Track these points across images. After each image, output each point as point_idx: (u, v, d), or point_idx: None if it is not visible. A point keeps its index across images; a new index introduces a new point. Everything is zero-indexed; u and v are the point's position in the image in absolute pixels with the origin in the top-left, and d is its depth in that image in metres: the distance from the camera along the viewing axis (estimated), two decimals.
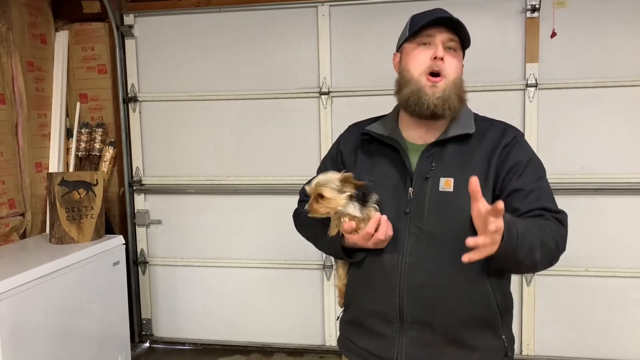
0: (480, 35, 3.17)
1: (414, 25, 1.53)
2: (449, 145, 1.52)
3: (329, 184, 1.46)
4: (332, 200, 1.46)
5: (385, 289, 1.51)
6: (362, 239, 1.48)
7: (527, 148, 1.54)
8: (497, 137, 1.52)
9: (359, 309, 1.60)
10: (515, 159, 1.48)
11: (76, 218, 3.02)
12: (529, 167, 1.49)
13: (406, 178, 1.52)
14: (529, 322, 3.32)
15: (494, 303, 1.49)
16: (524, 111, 3.19)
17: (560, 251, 1.43)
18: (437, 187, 1.48)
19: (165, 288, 3.77)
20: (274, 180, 3.52)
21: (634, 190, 3.15)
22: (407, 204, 1.50)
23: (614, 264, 3.21)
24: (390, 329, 1.51)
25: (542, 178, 1.50)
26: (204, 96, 3.56)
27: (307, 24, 3.39)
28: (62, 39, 3.62)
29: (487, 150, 1.50)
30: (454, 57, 1.51)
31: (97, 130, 3.65)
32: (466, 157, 1.50)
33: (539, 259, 1.34)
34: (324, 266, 3.51)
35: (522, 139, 1.55)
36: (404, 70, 1.55)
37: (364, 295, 1.57)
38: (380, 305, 1.52)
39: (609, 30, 3.10)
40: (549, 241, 1.37)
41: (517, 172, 1.47)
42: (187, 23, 3.54)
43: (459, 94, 1.51)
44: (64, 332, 2.68)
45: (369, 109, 1.82)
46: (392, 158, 1.56)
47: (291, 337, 3.63)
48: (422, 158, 1.52)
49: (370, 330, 1.56)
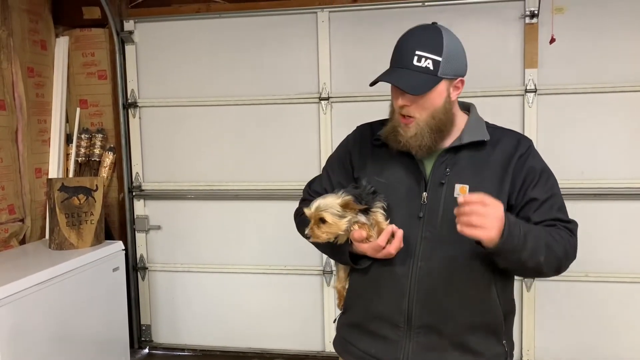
0: (479, 41, 3.18)
1: (393, 55, 1.53)
2: (463, 152, 1.53)
3: (329, 209, 1.46)
4: (334, 225, 1.46)
5: (394, 293, 1.51)
6: (372, 250, 1.49)
7: (540, 158, 1.56)
8: (512, 146, 1.54)
9: (362, 312, 1.60)
10: (530, 169, 1.51)
11: (76, 224, 3.02)
12: (542, 177, 1.51)
13: (420, 183, 1.53)
14: (529, 327, 3.32)
15: (500, 309, 1.52)
16: (523, 116, 3.19)
17: (570, 259, 1.46)
18: (451, 193, 1.49)
19: (164, 294, 3.76)
20: (274, 185, 3.52)
21: (634, 196, 3.15)
22: (420, 208, 1.51)
23: (614, 269, 3.21)
24: (396, 333, 1.52)
25: (554, 188, 1.53)
26: (203, 102, 3.56)
27: (307, 30, 3.40)
28: (62, 45, 3.63)
29: (502, 159, 1.52)
30: (420, 98, 1.47)
31: (97, 136, 3.65)
32: (481, 164, 1.51)
33: (543, 261, 1.38)
34: (323, 272, 3.51)
35: (535, 150, 1.57)
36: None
37: (370, 298, 1.57)
38: (387, 309, 1.52)
39: (608, 36, 3.11)
40: (556, 247, 1.41)
41: (532, 183, 1.50)
42: (187, 29, 3.55)
43: (439, 125, 1.50)
44: (63, 337, 2.68)
45: (368, 114, 1.82)
46: (404, 163, 1.56)
47: (291, 342, 3.62)
48: (437, 163, 1.53)
49: (373, 334, 1.56)
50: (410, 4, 3.25)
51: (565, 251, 1.44)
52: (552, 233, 1.43)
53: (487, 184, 1.48)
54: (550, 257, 1.39)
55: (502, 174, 1.50)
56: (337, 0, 3.34)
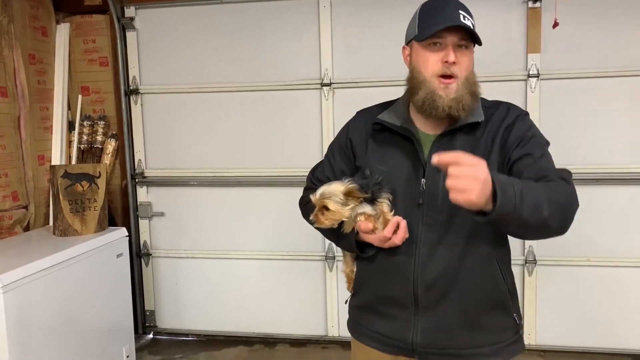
0: (482, 26, 3.11)
1: (423, 23, 1.51)
2: (458, 135, 1.52)
3: (333, 196, 1.47)
4: (337, 212, 1.47)
5: (400, 278, 1.53)
6: (378, 241, 1.50)
7: (530, 124, 1.53)
8: (500, 118, 1.53)
9: (371, 294, 1.62)
10: (518, 133, 1.49)
11: (79, 210, 3.03)
12: (533, 139, 1.49)
13: (418, 169, 1.52)
14: (531, 312, 3.34)
15: (503, 283, 1.53)
16: (526, 101, 3.18)
17: (575, 207, 1.37)
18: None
19: (168, 280, 3.78)
20: (276, 171, 3.52)
21: (636, 180, 3.15)
22: (420, 194, 1.51)
23: (616, 254, 3.22)
24: (405, 313, 1.54)
25: (545, 148, 1.49)
26: (205, 88, 3.56)
27: (309, 15, 3.39)
28: (63, 32, 3.61)
29: (492, 135, 1.51)
30: (464, 56, 1.49)
31: (99, 123, 3.65)
32: (474, 145, 1.50)
33: (547, 215, 1.27)
34: (326, 257, 3.53)
35: (526, 117, 1.54)
36: (415, 70, 1.53)
37: (377, 282, 1.59)
38: (395, 292, 1.55)
39: (611, 21, 3.09)
40: (557, 196, 1.32)
41: (523, 143, 1.47)
42: (188, 15, 3.53)
43: (472, 90, 1.50)
44: (68, 323, 2.70)
45: (370, 100, 1.81)
46: (405, 148, 1.56)
47: (294, 327, 3.65)
48: (433, 149, 1.52)
49: (383, 314, 1.59)
50: None
51: (568, 199, 1.35)
52: (550, 186, 1.34)
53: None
54: (553, 210, 1.29)
55: (491, 149, 1.49)
56: None
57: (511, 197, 1.21)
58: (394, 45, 1.65)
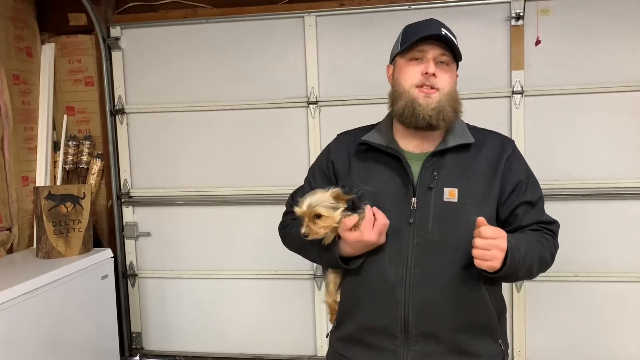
0: (466, 43, 3.15)
1: (406, 39, 1.53)
2: (448, 155, 1.53)
3: (322, 202, 1.45)
4: (329, 217, 1.45)
5: (389, 302, 1.49)
6: (366, 229, 1.43)
7: (523, 159, 1.61)
8: (497, 148, 1.56)
9: (356, 325, 1.57)
10: (518, 174, 1.55)
11: (63, 232, 2.99)
12: (530, 180, 1.58)
13: (408, 187, 1.51)
14: (520, 328, 3.33)
15: (492, 308, 1.53)
16: (510, 118, 3.21)
17: (553, 261, 1.55)
18: (441, 198, 1.49)
19: (155, 301, 3.73)
20: (263, 190, 3.51)
21: (622, 195, 3.17)
22: (410, 214, 1.49)
23: (604, 269, 3.23)
24: (393, 343, 1.50)
25: (539, 189, 1.60)
26: (191, 107, 3.55)
27: (294, 35, 3.40)
28: (48, 52, 3.60)
29: (489, 161, 1.53)
30: (445, 72, 1.51)
31: (84, 143, 3.62)
32: (467, 167, 1.52)
33: (535, 272, 1.48)
34: (314, 276, 3.50)
35: (518, 150, 1.62)
36: (396, 84, 1.55)
37: (363, 309, 1.54)
38: (383, 319, 1.50)
39: (594, 37, 3.13)
40: (545, 255, 1.50)
41: (523, 187, 1.55)
42: (174, 34, 3.54)
43: (454, 106, 1.52)
44: (53, 346, 2.65)
45: (357, 118, 1.82)
46: (391, 167, 1.55)
47: (282, 347, 3.61)
48: (424, 168, 1.52)
49: (369, 346, 1.54)
50: (396, 6, 3.26)
51: (552, 256, 1.53)
52: (542, 240, 1.49)
53: (475, 186, 1.49)
54: (541, 267, 1.49)
55: (491, 177, 1.51)
56: (324, 5, 3.34)
57: (516, 261, 1.37)
58: (379, 64, 1.66)
